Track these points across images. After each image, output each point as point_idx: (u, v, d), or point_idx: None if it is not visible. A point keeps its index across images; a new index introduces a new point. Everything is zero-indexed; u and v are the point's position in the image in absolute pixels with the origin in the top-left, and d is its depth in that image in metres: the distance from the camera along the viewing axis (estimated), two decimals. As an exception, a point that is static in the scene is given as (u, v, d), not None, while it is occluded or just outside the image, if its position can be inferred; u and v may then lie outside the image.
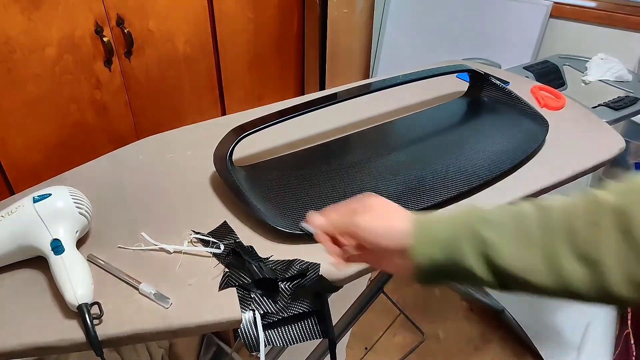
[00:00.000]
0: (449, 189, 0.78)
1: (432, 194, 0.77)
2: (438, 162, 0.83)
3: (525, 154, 0.86)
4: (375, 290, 1.14)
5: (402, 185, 0.78)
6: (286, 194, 0.78)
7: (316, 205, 0.75)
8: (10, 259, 0.65)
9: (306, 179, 0.81)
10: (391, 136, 0.94)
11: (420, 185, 0.78)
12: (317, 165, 0.85)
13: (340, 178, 0.81)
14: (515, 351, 1.60)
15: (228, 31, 1.40)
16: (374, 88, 0.89)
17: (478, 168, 0.81)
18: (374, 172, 0.82)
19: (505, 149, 0.87)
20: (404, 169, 0.82)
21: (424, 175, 0.80)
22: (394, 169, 0.83)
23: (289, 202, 0.76)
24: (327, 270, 0.67)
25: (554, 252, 0.42)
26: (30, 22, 0.97)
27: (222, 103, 1.51)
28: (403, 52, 1.90)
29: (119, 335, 0.59)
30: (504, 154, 0.85)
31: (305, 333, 0.63)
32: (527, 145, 0.88)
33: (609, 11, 1.59)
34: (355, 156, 0.87)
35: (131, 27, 1.15)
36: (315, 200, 0.76)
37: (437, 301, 1.78)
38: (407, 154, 0.87)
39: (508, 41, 1.72)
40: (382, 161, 0.85)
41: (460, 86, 1.18)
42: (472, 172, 0.81)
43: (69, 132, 1.13)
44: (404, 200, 0.75)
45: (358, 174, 0.82)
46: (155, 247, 0.69)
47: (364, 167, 0.84)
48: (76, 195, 0.68)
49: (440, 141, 0.90)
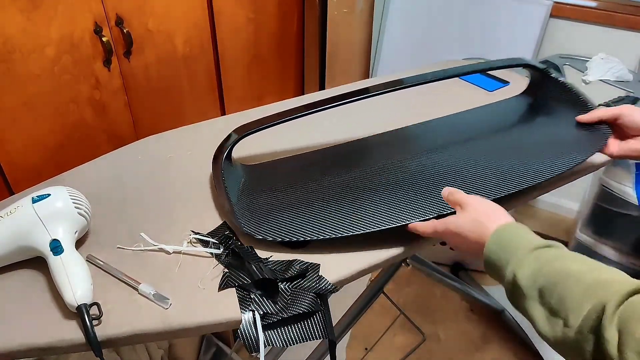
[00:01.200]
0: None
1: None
2: (468, 168, 0.77)
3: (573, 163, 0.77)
4: (375, 290, 1.14)
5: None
6: (278, 199, 0.76)
7: (303, 216, 0.72)
8: (10, 260, 0.65)
9: (309, 187, 0.78)
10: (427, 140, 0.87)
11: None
12: (326, 172, 0.81)
13: (355, 186, 0.77)
14: (515, 351, 1.60)
15: (228, 31, 1.40)
16: (415, 81, 0.82)
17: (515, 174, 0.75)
18: (387, 179, 0.78)
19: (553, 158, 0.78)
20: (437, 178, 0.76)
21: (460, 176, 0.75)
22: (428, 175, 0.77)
23: (275, 209, 0.74)
24: (327, 271, 0.67)
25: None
26: (29, 21, 0.97)
27: (221, 103, 1.51)
28: (403, 52, 1.90)
29: (118, 336, 0.58)
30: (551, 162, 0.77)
31: (305, 334, 0.62)
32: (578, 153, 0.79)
33: (610, 11, 1.59)
34: (370, 162, 0.82)
35: (130, 27, 1.15)
36: (303, 211, 0.73)
37: (437, 301, 1.78)
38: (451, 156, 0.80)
39: (508, 41, 1.71)
40: (413, 165, 0.80)
41: (466, 90, 1.18)
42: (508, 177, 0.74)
43: (68, 132, 1.13)
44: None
45: (367, 182, 0.78)
46: (155, 247, 0.69)
47: (376, 175, 0.79)
48: (75, 195, 0.68)
49: (479, 144, 0.82)
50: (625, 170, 1.51)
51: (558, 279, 0.50)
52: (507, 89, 1.17)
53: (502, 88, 1.17)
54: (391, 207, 0.71)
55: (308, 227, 0.70)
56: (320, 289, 0.64)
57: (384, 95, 0.82)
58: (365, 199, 0.74)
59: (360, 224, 0.69)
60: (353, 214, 0.71)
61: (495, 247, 0.57)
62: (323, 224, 0.70)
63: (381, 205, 0.72)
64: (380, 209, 0.71)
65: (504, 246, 0.57)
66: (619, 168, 1.52)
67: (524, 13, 1.67)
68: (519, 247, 0.55)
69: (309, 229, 0.70)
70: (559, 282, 0.50)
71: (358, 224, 0.69)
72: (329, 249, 0.70)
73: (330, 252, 0.70)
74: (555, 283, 0.50)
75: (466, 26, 1.77)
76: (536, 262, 0.53)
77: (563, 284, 0.49)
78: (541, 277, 0.51)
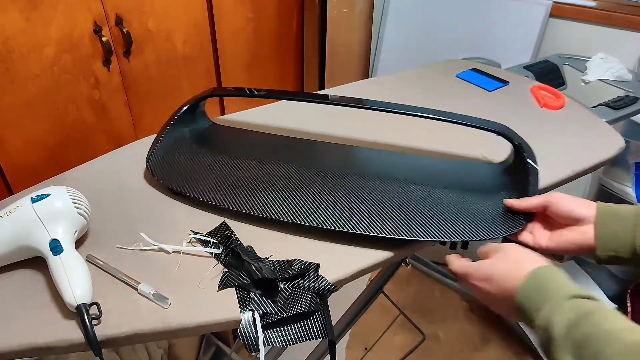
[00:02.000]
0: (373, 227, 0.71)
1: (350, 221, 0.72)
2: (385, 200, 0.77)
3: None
4: (375, 290, 1.14)
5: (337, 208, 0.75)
6: (205, 158, 0.85)
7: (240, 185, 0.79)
8: (9, 260, 0.65)
9: (242, 161, 0.85)
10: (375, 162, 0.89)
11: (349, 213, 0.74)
12: (269, 158, 0.86)
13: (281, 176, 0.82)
14: (515, 351, 1.60)
15: (227, 31, 1.40)
16: (375, 106, 0.82)
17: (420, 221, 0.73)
18: (321, 184, 0.80)
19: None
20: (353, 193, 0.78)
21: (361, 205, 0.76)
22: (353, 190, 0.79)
23: (198, 164, 0.83)
24: (327, 270, 0.67)
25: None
26: (29, 21, 0.97)
27: (221, 102, 1.51)
28: (403, 52, 1.90)
29: (117, 336, 0.58)
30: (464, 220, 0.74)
31: (305, 333, 0.62)
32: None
33: (609, 10, 1.59)
34: (320, 163, 0.86)
35: (130, 26, 1.15)
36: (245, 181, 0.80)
37: (437, 301, 1.78)
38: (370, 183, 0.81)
39: (508, 40, 1.71)
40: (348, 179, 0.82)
41: (466, 90, 1.18)
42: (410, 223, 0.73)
43: (67, 132, 1.13)
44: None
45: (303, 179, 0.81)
46: (154, 247, 0.69)
47: (319, 177, 0.82)
48: (75, 195, 0.68)
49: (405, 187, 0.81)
50: (624, 170, 1.51)
51: (595, 334, 0.47)
52: (506, 89, 1.17)
53: (502, 88, 1.17)
54: (297, 204, 0.75)
55: (218, 192, 0.77)
56: (320, 289, 0.64)
57: (384, 93, 0.82)
58: (281, 190, 0.78)
59: (260, 207, 0.74)
60: (265, 197, 0.76)
61: (531, 288, 0.54)
62: (236, 196, 0.76)
63: (289, 200, 0.76)
64: (285, 203, 0.75)
65: (541, 288, 0.53)
66: (618, 168, 1.52)
67: (524, 13, 1.67)
68: (557, 292, 0.52)
69: (217, 195, 0.76)
70: (596, 338, 0.47)
71: (260, 206, 0.74)
72: (329, 249, 0.70)
73: (330, 252, 0.70)
74: (592, 338, 0.47)
75: (466, 26, 1.77)
76: (572, 312, 0.50)
77: (600, 340, 0.46)
78: (578, 328, 0.48)
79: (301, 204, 0.75)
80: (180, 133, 0.90)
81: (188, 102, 0.90)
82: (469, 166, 0.88)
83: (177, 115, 0.88)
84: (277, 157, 0.87)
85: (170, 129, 0.88)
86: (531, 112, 1.07)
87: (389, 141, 0.95)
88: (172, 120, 0.88)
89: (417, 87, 1.16)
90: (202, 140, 0.90)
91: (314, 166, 0.85)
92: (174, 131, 0.88)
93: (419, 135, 0.95)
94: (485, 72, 1.24)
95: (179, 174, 0.81)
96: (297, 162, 0.85)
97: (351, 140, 0.95)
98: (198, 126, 0.93)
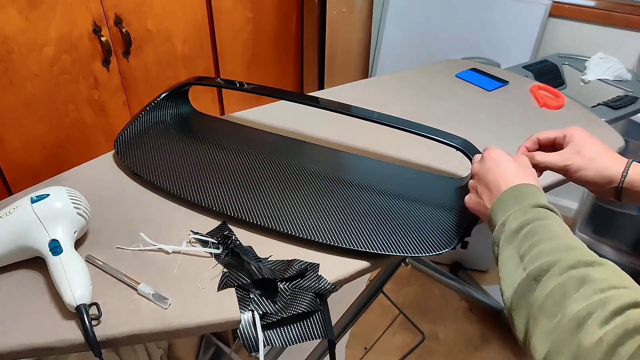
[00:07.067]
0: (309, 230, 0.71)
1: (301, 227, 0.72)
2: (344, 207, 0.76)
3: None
4: (375, 290, 1.14)
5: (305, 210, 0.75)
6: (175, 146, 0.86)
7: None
8: (9, 260, 0.65)
9: (214, 154, 0.86)
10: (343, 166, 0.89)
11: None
12: (242, 153, 0.87)
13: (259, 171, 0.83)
14: (515, 351, 1.60)
15: (227, 31, 1.40)
16: (360, 114, 0.83)
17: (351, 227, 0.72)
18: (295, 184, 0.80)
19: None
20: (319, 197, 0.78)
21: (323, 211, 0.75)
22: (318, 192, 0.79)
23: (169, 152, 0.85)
24: (326, 270, 0.67)
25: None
26: (28, 21, 0.97)
27: (220, 102, 1.51)
28: (402, 52, 1.90)
29: (117, 336, 0.58)
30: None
31: (305, 333, 0.62)
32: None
33: (608, 10, 1.60)
34: (296, 163, 0.85)
35: (129, 26, 1.15)
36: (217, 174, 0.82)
37: (437, 301, 1.78)
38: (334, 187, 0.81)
39: (507, 40, 1.72)
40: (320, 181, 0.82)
41: (465, 89, 1.18)
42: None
43: (67, 132, 1.13)
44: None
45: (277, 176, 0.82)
46: (154, 247, 0.69)
47: (294, 176, 0.82)
48: (74, 195, 0.68)
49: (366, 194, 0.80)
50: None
51: (541, 232, 0.52)
52: (506, 89, 1.17)
53: (501, 87, 1.17)
54: (265, 205, 0.75)
55: (181, 183, 0.79)
56: (320, 289, 0.64)
57: (383, 94, 0.82)
58: (244, 187, 0.79)
59: (217, 203, 0.75)
60: (230, 193, 0.77)
61: (509, 196, 0.59)
62: (189, 186, 0.78)
63: (254, 200, 0.76)
64: (250, 203, 0.75)
65: (516, 197, 0.58)
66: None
67: (523, 12, 1.67)
68: (527, 200, 0.57)
69: (181, 186, 0.78)
70: (539, 233, 0.52)
71: (218, 202, 0.75)
72: (329, 249, 0.70)
73: (330, 252, 0.70)
74: (536, 232, 0.52)
75: (465, 25, 1.77)
76: (530, 214, 0.55)
77: (542, 238, 0.51)
78: (528, 226, 0.53)
79: (270, 205, 0.75)
80: (160, 120, 0.92)
81: (169, 88, 0.93)
82: (441, 180, 0.86)
83: (155, 100, 0.90)
84: (248, 151, 0.88)
85: (147, 114, 0.90)
86: (531, 112, 1.07)
87: (374, 148, 0.94)
88: (150, 104, 0.90)
89: (416, 87, 1.16)
90: (181, 129, 0.92)
91: (289, 165, 0.85)
92: (153, 117, 0.91)
93: (406, 143, 0.91)
94: (484, 71, 1.24)
95: (147, 159, 0.83)
96: (271, 159, 0.86)
97: (339, 145, 0.94)
98: (180, 115, 0.95)
